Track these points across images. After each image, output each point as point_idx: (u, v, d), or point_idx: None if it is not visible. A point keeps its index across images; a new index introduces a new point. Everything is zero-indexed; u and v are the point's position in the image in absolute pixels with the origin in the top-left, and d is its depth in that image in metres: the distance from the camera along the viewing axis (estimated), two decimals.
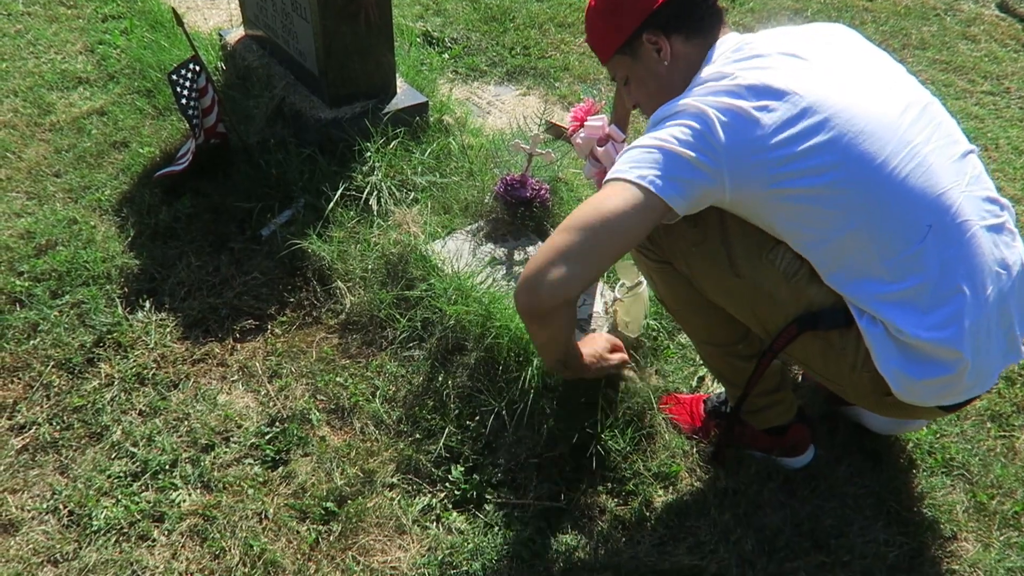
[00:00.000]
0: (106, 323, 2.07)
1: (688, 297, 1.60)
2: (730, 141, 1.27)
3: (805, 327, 1.41)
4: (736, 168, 1.28)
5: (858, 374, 1.41)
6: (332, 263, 2.22)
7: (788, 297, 1.42)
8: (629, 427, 1.83)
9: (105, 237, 2.34)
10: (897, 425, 1.84)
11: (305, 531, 1.67)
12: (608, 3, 1.49)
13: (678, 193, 1.27)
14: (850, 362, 1.40)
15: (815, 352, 1.45)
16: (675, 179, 1.27)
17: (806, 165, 1.27)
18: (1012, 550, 1.67)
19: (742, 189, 1.30)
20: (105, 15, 3.50)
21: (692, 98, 1.32)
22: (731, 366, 1.68)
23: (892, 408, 1.45)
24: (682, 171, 1.27)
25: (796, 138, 1.26)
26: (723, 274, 1.46)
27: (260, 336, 2.10)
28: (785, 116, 1.27)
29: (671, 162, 1.27)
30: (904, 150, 1.29)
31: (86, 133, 2.77)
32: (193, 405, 1.91)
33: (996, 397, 1.99)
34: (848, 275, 1.34)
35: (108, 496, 1.71)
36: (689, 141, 1.28)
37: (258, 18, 2.87)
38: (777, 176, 1.28)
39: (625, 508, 1.73)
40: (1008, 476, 1.81)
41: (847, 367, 1.42)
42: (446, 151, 2.60)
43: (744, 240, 1.43)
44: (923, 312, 1.31)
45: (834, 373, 1.47)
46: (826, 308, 1.39)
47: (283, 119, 2.68)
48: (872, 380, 1.39)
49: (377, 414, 1.89)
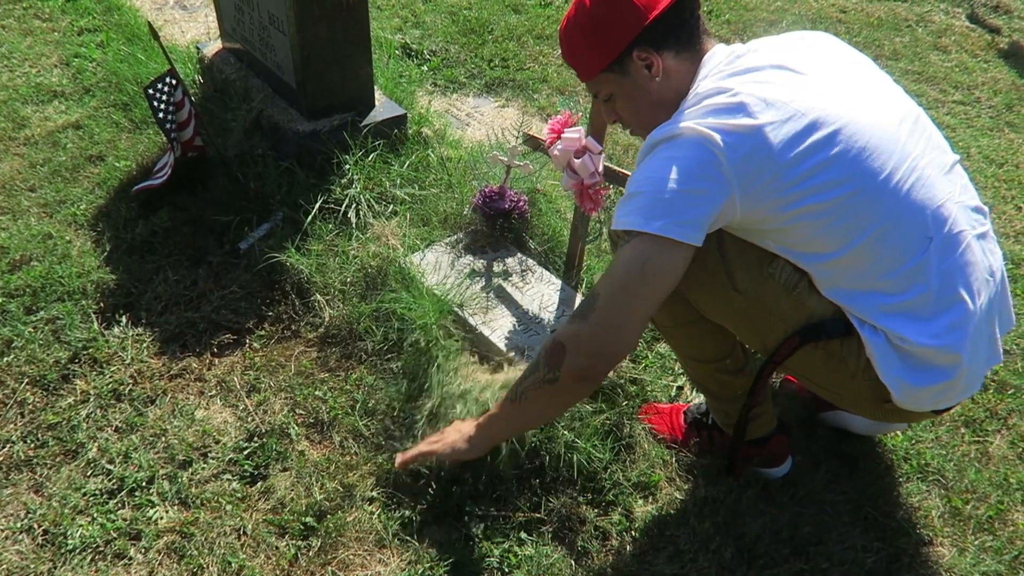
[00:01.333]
0: (81, 339, 2.05)
1: (680, 314, 1.60)
2: (738, 164, 1.26)
3: (807, 338, 1.42)
4: (746, 190, 1.28)
5: (859, 382, 1.42)
6: (311, 276, 2.21)
7: (789, 309, 1.42)
8: (608, 437, 1.84)
9: (81, 252, 2.32)
10: (880, 427, 1.87)
11: (284, 547, 1.66)
12: (594, 20, 1.45)
13: (697, 231, 1.28)
14: (851, 371, 1.42)
15: (816, 362, 1.46)
16: (692, 221, 1.27)
17: (817, 182, 1.27)
18: (987, 554, 1.69)
19: (752, 209, 1.30)
20: (81, 28, 3.48)
21: (692, 120, 1.30)
22: (717, 381, 1.69)
23: (888, 414, 1.48)
24: (697, 209, 1.28)
25: (805, 155, 1.26)
26: (722, 289, 1.46)
27: (238, 350, 2.09)
28: (791, 132, 1.26)
29: (685, 204, 1.27)
30: (905, 163, 1.30)
31: (61, 147, 2.75)
32: (170, 421, 1.89)
33: (970, 403, 2.02)
34: (851, 288, 1.36)
35: (84, 514, 1.69)
36: (696, 173, 1.27)
37: (235, 31, 2.87)
38: (789, 196, 1.28)
39: (605, 518, 1.73)
40: (982, 481, 1.84)
41: (847, 376, 1.43)
42: (425, 163, 2.61)
43: (742, 255, 1.43)
44: (926, 320, 1.33)
45: (834, 382, 1.48)
46: (827, 319, 1.40)
47: (261, 132, 2.68)
48: (871, 388, 1.41)
49: (356, 427, 1.88)
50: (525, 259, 2.31)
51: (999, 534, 1.74)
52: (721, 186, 1.27)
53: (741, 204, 1.29)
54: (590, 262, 2.30)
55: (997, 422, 1.98)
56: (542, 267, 2.28)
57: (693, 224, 1.28)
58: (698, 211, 1.27)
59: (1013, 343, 2.17)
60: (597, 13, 1.43)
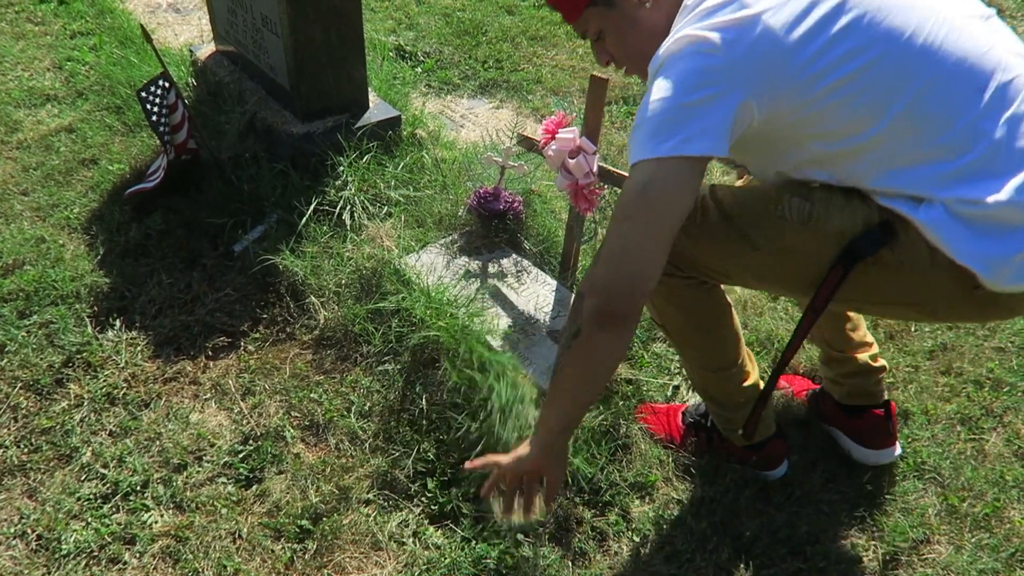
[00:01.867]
0: (75, 343, 2.04)
1: (692, 317, 1.55)
2: (741, 60, 1.17)
3: (850, 263, 1.29)
4: (758, 87, 1.18)
5: (934, 277, 1.26)
6: (305, 278, 2.21)
7: (814, 243, 1.32)
8: (604, 438, 1.83)
9: (74, 255, 2.31)
10: (879, 456, 1.82)
11: (280, 550, 1.65)
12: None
13: (712, 141, 1.18)
14: (919, 269, 1.26)
15: (876, 282, 1.31)
16: (701, 132, 1.17)
17: (833, 56, 1.17)
18: (984, 552, 1.69)
19: (773, 106, 1.20)
20: (73, 32, 3.47)
21: (690, 28, 1.21)
22: (724, 390, 1.66)
23: (989, 308, 1.30)
24: (704, 119, 1.17)
25: (813, 33, 1.17)
26: (743, 255, 1.39)
27: (233, 353, 2.08)
28: (794, 13, 1.17)
29: (689, 117, 1.18)
30: (932, 18, 1.20)
31: (54, 151, 2.74)
32: (165, 424, 1.88)
33: (965, 400, 2.02)
34: (905, 166, 1.22)
35: (78, 519, 1.68)
36: (696, 81, 1.18)
37: (228, 34, 2.86)
38: (806, 79, 1.18)
39: (602, 519, 1.73)
40: (978, 478, 1.84)
41: (918, 276, 1.27)
42: (419, 165, 2.60)
43: (746, 212, 1.37)
44: (998, 176, 1.19)
45: (909, 292, 1.32)
46: (858, 234, 1.28)
47: (255, 134, 2.67)
48: (952, 278, 1.25)
49: (352, 430, 1.87)
50: (520, 260, 2.31)
51: (996, 532, 1.74)
52: (728, 88, 1.17)
53: (758, 104, 1.20)
54: (585, 262, 2.29)
55: (993, 420, 1.98)
56: (537, 268, 2.28)
57: (703, 135, 1.17)
58: (706, 121, 1.17)
59: (1008, 340, 2.17)
60: None
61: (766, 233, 1.35)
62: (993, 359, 2.13)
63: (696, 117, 1.17)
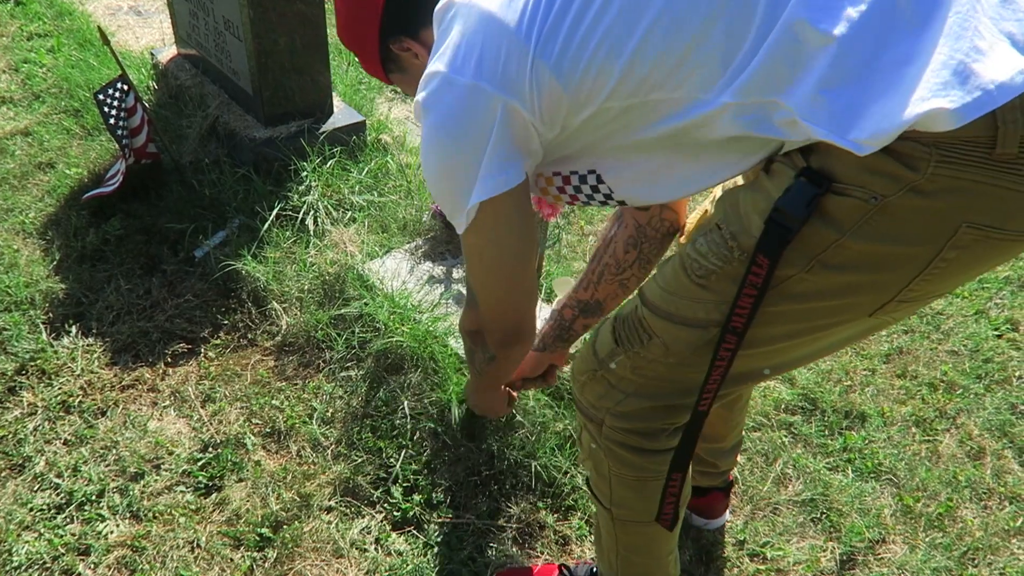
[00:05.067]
0: (29, 350, 2.00)
1: None
2: (484, 74, 0.99)
3: (774, 246, 0.94)
4: (516, 90, 0.98)
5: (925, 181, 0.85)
6: (267, 284, 2.19)
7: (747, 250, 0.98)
8: (568, 442, 1.84)
9: (29, 261, 2.26)
10: (712, 523, 1.72)
11: (239, 558, 1.63)
12: (343, 29, 1.27)
13: (502, 174, 1.03)
14: (861, 199, 0.88)
15: (833, 256, 0.93)
16: (490, 174, 1.03)
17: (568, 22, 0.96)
18: (937, 551, 1.73)
19: (550, 100, 0.99)
20: (31, 33, 3.40)
21: (430, 67, 1.04)
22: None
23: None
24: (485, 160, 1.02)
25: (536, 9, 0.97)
26: (699, 340, 1.08)
27: (193, 360, 2.05)
28: None
29: (470, 164, 1.03)
30: None
31: (9, 154, 2.68)
32: (122, 433, 1.85)
33: (920, 403, 2.06)
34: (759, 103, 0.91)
35: (30, 530, 1.65)
36: (459, 120, 1.02)
37: (190, 37, 2.83)
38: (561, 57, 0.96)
39: (565, 523, 1.73)
40: (932, 479, 1.88)
41: (871, 218, 0.89)
42: (384, 170, 2.60)
43: (675, 296, 1.08)
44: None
45: (873, 250, 0.92)
46: (780, 199, 0.93)
47: (217, 138, 2.65)
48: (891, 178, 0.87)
49: (314, 436, 1.86)
50: None
51: (949, 531, 1.77)
52: (488, 111, 1.00)
53: (528, 109, 1.00)
54: (549, 267, 2.30)
55: (947, 421, 2.02)
56: None
57: (491, 176, 1.03)
58: (490, 160, 1.02)
59: (961, 344, 2.23)
60: (342, 14, 1.25)
61: (705, 300, 1.05)
62: (947, 362, 2.18)
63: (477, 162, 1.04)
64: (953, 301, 2.37)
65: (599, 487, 1.31)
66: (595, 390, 1.21)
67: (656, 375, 1.14)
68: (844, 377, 2.11)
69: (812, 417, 2.00)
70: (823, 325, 1.02)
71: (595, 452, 1.27)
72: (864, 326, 1.04)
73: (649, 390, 1.16)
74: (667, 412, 1.18)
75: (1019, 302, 2.38)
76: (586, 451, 1.30)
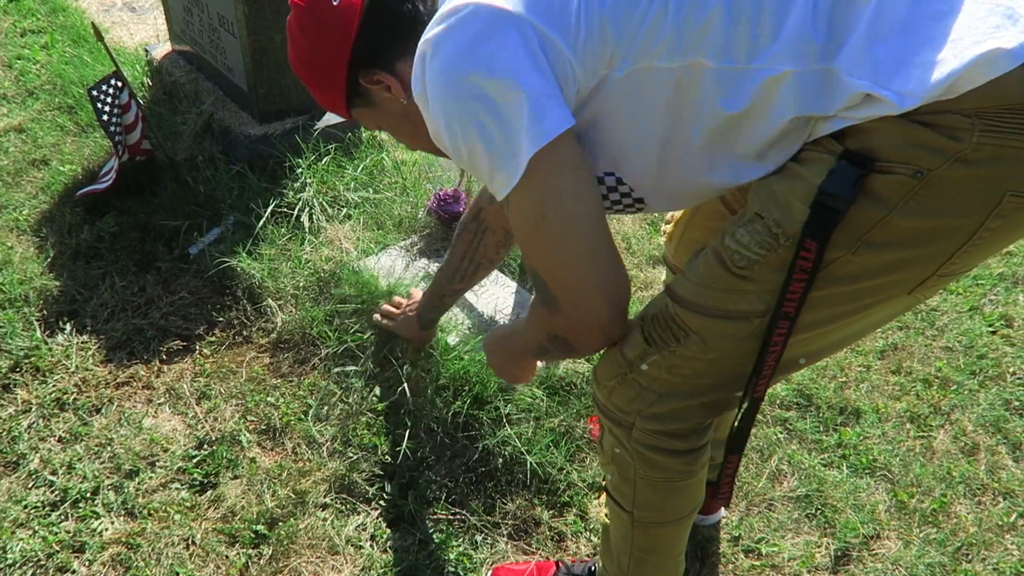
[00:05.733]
0: (23, 347, 2.00)
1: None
2: (530, 4, 0.93)
3: (822, 229, 0.92)
4: (562, 21, 0.93)
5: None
6: (263, 281, 2.18)
7: (791, 238, 0.95)
8: (563, 439, 1.84)
9: (23, 258, 2.26)
10: (708, 519, 1.72)
11: (234, 555, 1.63)
12: (302, 61, 1.18)
13: (558, 109, 0.94)
14: (956, 152, 0.85)
15: (879, 235, 0.92)
16: (542, 112, 0.93)
17: None
18: (931, 547, 1.73)
19: (594, 44, 0.94)
20: (24, 29, 3.39)
21: (443, 10, 0.96)
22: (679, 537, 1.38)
23: None
24: (539, 92, 0.93)
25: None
26: (739, 335, 1.05)
27: (188, 357, 2.05)
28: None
29: (508, 99, 0.93)
30: None
31: (3, 151, 2.67)
32: (116, 430, 1.85)
33: (915, 399, 2.07)
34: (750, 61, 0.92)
35: (24, 527, 1.64)
36: (489, 45, 0.93)
37: (185, 33, 2.82)
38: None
39: (560, 520, 1.74)
40: (927, 475, 1.88)
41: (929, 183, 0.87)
42: (379, 167, 2.59)
43: (710, 289, 1.04)
44: None
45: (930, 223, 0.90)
46: (820, 183, 0.91)
47: (212, 135, 2.64)
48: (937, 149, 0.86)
49: (309, 433, 1.86)
50: None
51: (943, 527, 1.78)
52: (525, 37, 0.93)
53: (570, 46, 0.94)
54: None
55: (941, 417, 2.03)
56: (497, 270, 2.28)
57: (548, 114, 0.93)
58: (537, 94, 0.93)
59: (956, 340, 2.23)
60: (303, 45, 1.16)
61: (747, 291, 1.01)
62: (941, 358, 2.19)
63: (522, 106, 0.94)
64: (947, 297, 2.38)
65: (620, 490, 1.25)
66: (625, 394, 1.14)
67: (693, 372, 1.09)
68: (839, 373, 2.12)
69: (807, 413, 2.01)
70: (864, 305, 1.00)
71: (619, 456, 1.20)
72: (900, 306, 1.04)
73: (686, 388, 1.11)
74: (702, 410, 1.14)
75: (1013, 298, 2.38)
76: (608, 455, 1.23)
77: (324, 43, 1.13)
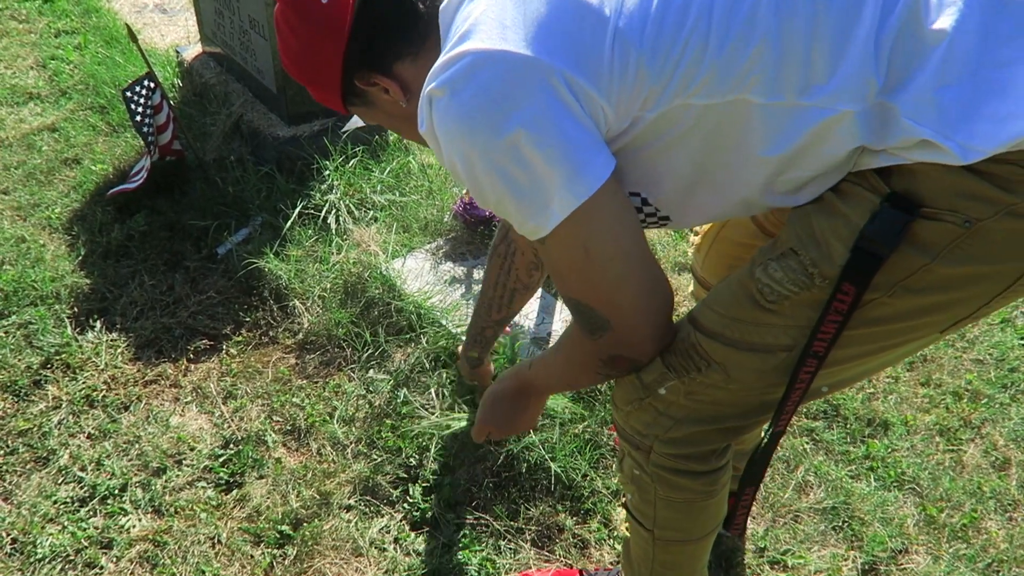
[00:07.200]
0: (54, 344, 2.02)
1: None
2: (552, 46, 0.87)
3: (862, 274, 0.89)
4: (592, 66, 0.88)
5: None
6: (289, 282, 2.20)
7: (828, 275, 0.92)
8: (587, 446, 1.83)
9: (55, 256, 2.29)
10: None
11: (259, 555, 1.64)
12: (292, 59, 1.11)
13: (596, 163, 0.90)
14: (1004, 204, 0.83)
15: (919, 282, 0.89)
16: (583, 163, 0.89)
17: None
18: (961, 562, 1.71)
19: (627, 86, 0.89)
20: (58, 30, 3.44)
21: (446, 55, 0.90)
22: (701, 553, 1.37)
23: None
24: (575, 151, 0.89)
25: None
26: (766, 367, 1.02)
27: (215, 356, 2.07)
28: None
29: (566, 153, 0.88)
30: None
31: (36, 150, 2.71)
32: (144, 428, 1.87)
33: (944, 412, 2.04)
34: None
35: (54, 522, 1.66)
36: (508, 90, 0.87)
37: (216, 35, 2.85)
38: (658, 39, 0.87)
39: (583, 527, 1.73)
40: (956, 489, 1.86)
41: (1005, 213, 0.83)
42: (406, 170, 2.60)
43: (734, 320, 1.02)
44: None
45: (966, 273, 0.89)
46: (868, 226, 0.88)
47: (240, 137, 2.66)
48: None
49: (334, 435, 1.86)
50: None
51: (973, 542, 1.75)
52: (552, 87, 0.86)
53: (604, 93, 0.89)
54: None
55: (971, 431, 2.00)
56: None
57: (589, 162, 0.89)
58: (577, 150, 0.88)
59: (986, 352, 2.20)
60: (291, 44, 1.09)
61: (774, 325, 0.99)
62: (971, 371, 2.15)
63: (569, 149, 0.89)
64: None
65: (641, 510, 1.23)
66: (642, 418, 1.12)
67: (714, 400, 1.06)
68: (867, 384, 2.09)
69: (834, 424, 1.98)
70: (894, 344, 0.99)
71: (639, 478, 1.18)
72: (930, 342, 1.02)
73: (704, 414, 1.08)
74: (721, 434, 1.11)
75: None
76: (628, 476, 1.21)
77: (314, 44, 1.06)
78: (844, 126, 0.88)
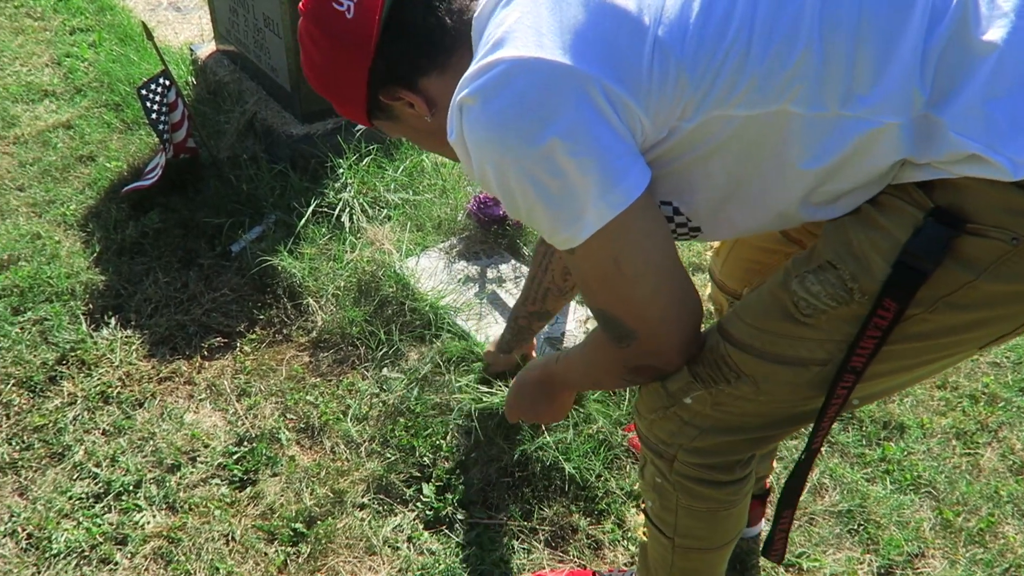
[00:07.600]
0: (69, 340, 2.03)
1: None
2: (589, 54, 0.85)
3: (904, 290, 0.87)
4: (631, 76, 0.85)
5: None
6: (303, 280, 2.20)
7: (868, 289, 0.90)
8: (601, 446, 1.83)
9: (70, 252, 2.30)
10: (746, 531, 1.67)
11: (273, 553, 1.64)
12: (316, 75, 1.08)
13: (631, 177, 0.88)
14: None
15: (962, 299, 0.87)
16: (617, 173, 0.87)
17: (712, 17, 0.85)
18: (978, 567, 1.69)
19: (666, 96, 0.86)
20: (73, 28, 3.45)
21: (479, 62, 0.88)
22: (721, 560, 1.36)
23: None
24: (607, 157, 0.86)
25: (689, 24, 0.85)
26: (798, 382, 1.01)
27: (229, 354, 2.07)
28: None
29: (600, 163, 0.86)
30: None
31: (51, 147, 2.72)
32: (159, 424, 1.87)
33: (961, 415, 2.03)
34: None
35: (69, 518, 1.67)
36: (545, 99, 0.85)
37: (230, 33, 2.86)
38: (700, 47, 0.85)
39: (597, 527, 1.72)
40: (973, 493, 1.84)
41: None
42: (419, 168, 2.60)
43: (766, 333, 0.99)
44: None
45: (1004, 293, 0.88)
46: (905, 240, 0.86)
47: (254, 134, 2.67)
48: None
49: (348, 433, 1.86)
50: (519, 266, 2.30)
51: (990, 547, 1.74)
52: (589, 96, 0.85)
53: (642, 104, 0.87)
54: None
55: (988, 435, 1.98)
56: None
57: (625, 174, 0.87)
58: (614, 161, 0.87)
59: (1003, 355, 2.18)
60: (316, 59, 1.07)
61: (808, 338, 0.96)
62: (988, 374, 2.14)
63: (601, 158, 0.87)
64: None
65: (662, 518, 1.21)
66: (666, 427, 1.10)
67: (742, 411, 1.04)
68: None
69: (850, 426, 1.97)
70: (932, 359, 0.97)
71: (661, 486, 1.16)
72: (969, 355, 1.00)
73: (731, 425, 1.06)
74: (747, 444, 1.10)
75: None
76: (649, 484, 1.19)
77: (339, 59, 1.03)
78: (888, 138, 0.86)
